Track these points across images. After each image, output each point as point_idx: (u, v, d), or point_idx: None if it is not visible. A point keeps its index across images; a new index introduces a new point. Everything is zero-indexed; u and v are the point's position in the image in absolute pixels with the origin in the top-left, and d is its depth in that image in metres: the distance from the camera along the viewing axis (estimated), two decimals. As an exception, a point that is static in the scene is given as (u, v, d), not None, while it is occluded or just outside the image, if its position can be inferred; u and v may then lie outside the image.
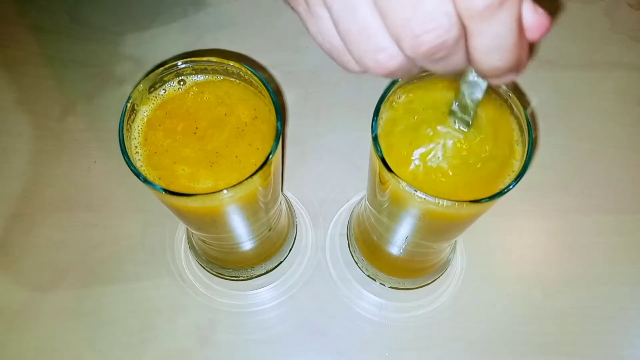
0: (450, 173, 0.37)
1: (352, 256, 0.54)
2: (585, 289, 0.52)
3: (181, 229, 0.55)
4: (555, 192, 0.57)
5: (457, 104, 0.34)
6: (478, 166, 0.37)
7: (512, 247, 0.55)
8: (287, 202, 0.55)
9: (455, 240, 0.53)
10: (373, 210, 0.46)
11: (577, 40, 0.66)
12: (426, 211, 0.37)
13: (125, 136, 0.36)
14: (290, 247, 0.54)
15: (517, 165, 0.37)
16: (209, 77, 0.39)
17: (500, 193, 0.34)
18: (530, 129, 0.35)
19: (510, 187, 0.34)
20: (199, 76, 0.39)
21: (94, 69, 0.64)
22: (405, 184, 0.34)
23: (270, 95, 0.37)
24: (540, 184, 0.57)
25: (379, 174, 0.38)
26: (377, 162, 0.36)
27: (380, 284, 0.53)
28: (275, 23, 0.68)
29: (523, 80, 0.62)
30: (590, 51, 0.66)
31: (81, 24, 0.67)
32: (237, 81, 0.39)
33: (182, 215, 0.41)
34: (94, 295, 0.52)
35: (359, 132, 0.58)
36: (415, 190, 0.34)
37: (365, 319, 0.51)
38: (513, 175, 0.36)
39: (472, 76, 0.31)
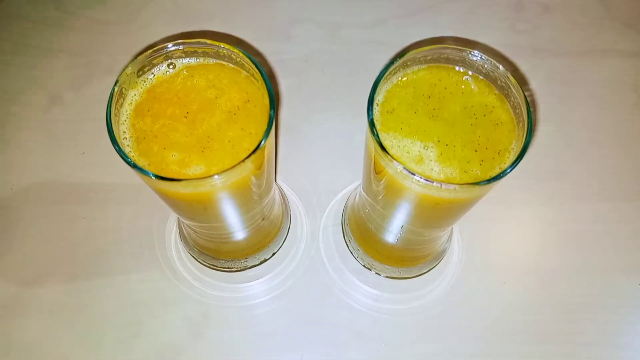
0: (448, 157, 0.36)
1: (347, 246, 0.53)
2: (581, 277, 0.52)
3: (172, 220, 0.54)
4: (551, 180, 0.57)
5: None
6: (476, 150, 0.36)
7: (508, 236, 0.55)
8: (281, 192, 0.54)
9: (452, 229, 0.53)
10: (369, 198, 0.45)
11: (572, 27, 0.66)
12: (423, 196, 0.36)
13: (113, 121, 0.34)
14: (285, 237, 0.53)
15: (514, 149, 0.36)
16: (200, 60, 0.38)
17: (499, 176, 0.33)
18: (529, 109, 0.34)
19: (508, 170, 0.34)
20: (189, 59, 0.38)
21: (80, 59, 0.63)
22: (402, 166, 0.33)
23: (263, 78, 0.36)
24: (535, 172, 0.57)
25: (375, 160, 0.37)
26: (374, 147, 0.36)
27: (376, 273, 0.52)
28: (265, 12, 0.67)
29: (518, 68, 0.62)
30: (585, 39, 0.65)
31: (67, 13, 0.66)
32: (229, 64, 0.38)
33: (173, 203, 0.40)
34: (82, 289, 0.51)
35: (352, 121, 0.57)
36: (413, 174, 0.33)
37: (361, 310, 0.50)
38: (512, 159, 0.35)
39: None
